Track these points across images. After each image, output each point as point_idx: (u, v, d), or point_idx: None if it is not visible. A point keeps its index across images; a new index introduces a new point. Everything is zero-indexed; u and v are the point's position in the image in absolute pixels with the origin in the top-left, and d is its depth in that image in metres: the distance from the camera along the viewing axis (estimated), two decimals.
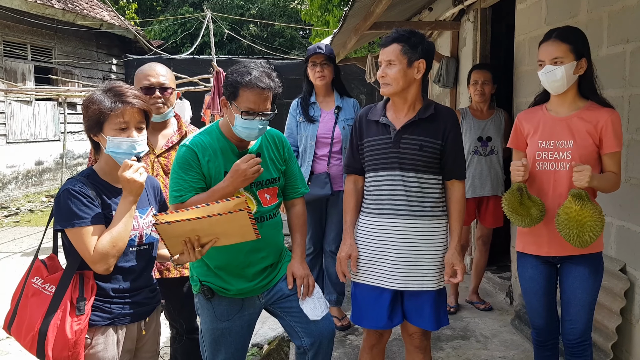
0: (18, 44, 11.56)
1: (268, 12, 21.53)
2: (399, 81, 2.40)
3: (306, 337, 2.43)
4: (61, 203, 1.94)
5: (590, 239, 2.30)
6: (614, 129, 2.38)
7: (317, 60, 3.73)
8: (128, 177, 1.92)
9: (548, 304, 2.60)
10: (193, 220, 1.96)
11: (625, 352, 3.04)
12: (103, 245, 1.90)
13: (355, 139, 2.56)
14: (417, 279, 2.46)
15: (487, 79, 4.10)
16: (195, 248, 2.05)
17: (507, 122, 4.18)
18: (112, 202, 2.01)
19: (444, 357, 3.48)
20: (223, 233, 2.05)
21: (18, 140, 11.47)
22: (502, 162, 4.18)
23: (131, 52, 15.12)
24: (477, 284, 4.41)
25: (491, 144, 4.12)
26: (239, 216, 1.96)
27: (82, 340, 1.91)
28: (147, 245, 2.11)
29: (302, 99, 3.84)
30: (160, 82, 2.75)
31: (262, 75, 2.23)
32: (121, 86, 2.04)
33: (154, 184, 2.28)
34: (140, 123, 2.04)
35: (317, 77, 3.74)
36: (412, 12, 6.44)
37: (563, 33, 2.44)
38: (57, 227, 1.96)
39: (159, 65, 2.80)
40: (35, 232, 8.26)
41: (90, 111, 1.99)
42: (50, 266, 2.04)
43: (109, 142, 1.98)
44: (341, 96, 3.84)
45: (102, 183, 2.04)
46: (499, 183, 4.18)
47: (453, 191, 2.53)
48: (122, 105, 1.97)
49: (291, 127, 3.84)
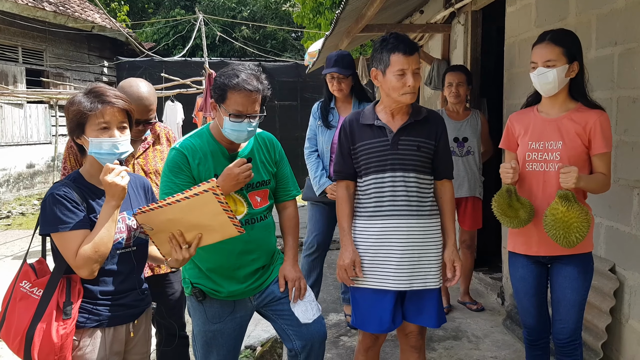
0: (9, 47, 11.50)
1: (260, 14, 21.53)
2: (417, 89, 2.43)
3: (297, 340, 2.43)
4: (46, 207, 1.93)
5: (576, 239, 2.32)
6: (602, 130, 2.40)
7: (334, 75, 3.72)
8: (109, 181, 1.90)
9: (539, 303, 2.62)
10: (165, 207, 1.95)
11: (615, 351, 3.07)
12: (85, 250, 1.89)
13: (347, 144, 2.55)
14: (421, 278, 2.47)
15: (461, 80, 4.13)
16: (181, 246, 2.04)
17: (483, 122, 4.24)
18: (98, 206, 2.00)
19: (436, 357, 3.49)
20: (201, 225, 2.03)
21: (9, 143, 11.40)
22: (479, 162, 4.20)
23: (123, 54, 15.08)
24: (467, 285, 4.44)
25: (467, 145, 4.14)
26: (205, 198, 1.94)
27: (69, 344, 1.90)
28: (135, 247, 2.10)
29: (322, 103, 3.86)
30: (145, 118, 2.75)
31: (250, 78, 2.23)
32: (102, 87, 2.02)
33: (145, 183, 2.26)
34: (122, 123, 2.01)
35: (335, 90, 3.75)
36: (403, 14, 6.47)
37: (557, 36, 2.45)
38: (42, 231, 1.96)
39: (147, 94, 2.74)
40: (26, 236, 8.21)
41: (71, 113, 1.98)
42: (38, 270, 2.03)
43: (91, 143, 1.96)
44: (360, 102, 3.83)
45: (88, 186, 2.03)
46: (476, 184, 4.19)
47: (444, 191, 2.55)
48: (102, 106, 1.95)
49: (313, 130, 3.86)
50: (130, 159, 2.78)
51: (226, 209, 1.99)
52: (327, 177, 3.72)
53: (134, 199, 2.15)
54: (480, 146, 4.21)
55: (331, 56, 3.77)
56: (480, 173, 4.22)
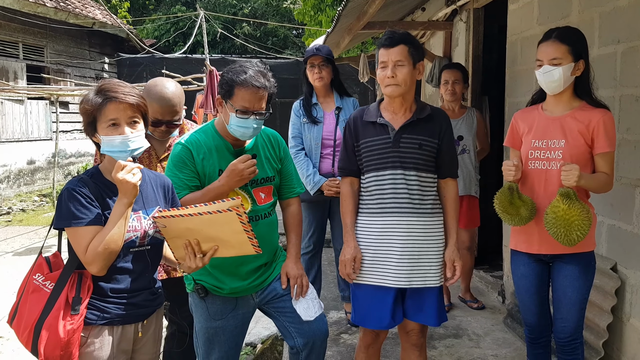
0: (10, 43, 11.49)
1: (261, 11, 21.51)
2: (407, 82, 2.41)
3: (299, 338, 2.44)
4: (62, 202, 1.93)
5: (577, 237, 2.32)
6: (605, 130, 2.39)
7: (315, 62, 3.73)
8: (120, 178, 1.89)
9: (540, 301, 2.62)
10: (186, 217, 1.95)
11: (616, 350, 3.07)
12: (95, 246, 1.88)
13: (351, 140, 2.56)
14: (421, 276, 2.47)
15: (457, 78, 4.12)
16: (195, 254, 2.03)
17: (479, 121, 4.22)
18: (113, 203, 1.98)
19: (436, 355, 3.50)
20: (219, 239, 2.03)
21: (10, 140, 11.40)
22: (474, 161, 4.17)
23: (124, 51, 15.09)
24: (468, 284, 4.42)
25: (463, 143, 4.11)
26: (228, 217, 1.94)
27: (76, 340, 1.89)
28: (149, 247, 2.07)
29: (303, 100, 3.84)
30: (168, 119, 2.72)
31: (258, 75, 2.24)
32: (110, 83, 1.98)
33: (165, 182, 2.21)
34: (132, 118, 1.97)
35: (316, 79, 3.74)
36: (405, 12, 6.46)
37: (563, 34, 2.44)
38: (56, 225, 1.96)
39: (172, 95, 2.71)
40: (27, 232, 8.22)
41: (82, 112, 1.97)
42: (53, 263, 2.03)
43: (103, 141, 1.95)
44: (341, 96, 3.84)
45: (105, 183, 2.01)
46: (472, 182, 4.16)
47: (448, 190, 2.55)
48: (108, 102, 1.92)
49: (298, 127, 3.82)
50: (155, 160, 2.75)
51: (247, 229, 1.99)
52: (320, 175, 3.71)
53: (152, 197, 2.11)
54: (476, 144, 4.20)
55: (310, 48, 3.85)
56: (476, 171, 4.19)
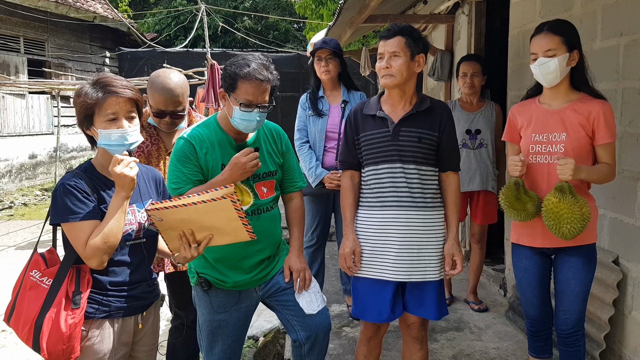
0: (11, 37, 11.48)
1: (262, 4, 21.44)
2: (403, 73, 2.40)
3: (302, 331, 2.44)
4: (57, 197, 1.94)
5: (568, 231, 2.32)
6: (605, 120, 2.40)
7: (322, 55, 3.74)
8: (118, 172, 1.90)
9: (542, 294, 2.62)
10: (180, 208, 1.96)
11: (617, 343, 3.08)
12: (94, 241, 1.89)
13: (351, 133, 2.56)
14: (420, 270, 2.47)
15: (476, 70, 4.00)
16: (190, 244, 2.06)
17: (498, 114, 4.11)
18: (108, 197, 2.00)
19: (438, 348, 3.51)
20: (214, 227, 2.04)
21: (11, 134, 11.41)
22: (492, 155, 4.07)
23: (125, 45, 15.06)
24: (475, 283, 4.27)
25: (480, 137, 4.03)
26: (223, 204, 1.95)
27: (77, 334, 1.91)
28: (145, 239, 2.10)
29: (310, 93, 3.85)
30: (172, 110, 2.69)
31: (261, 68, 2.24)
32: (108, 77, 2.01)
33: (156, 175, 2.26)
34: (129, 112, 2.00)
35: (323, 72, 3.74)
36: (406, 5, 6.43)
37: (555, 25, 2.46)
38: (53, 221, 1.97)
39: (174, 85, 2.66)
40: (29, 226, 8.24)
41: (78, 105, 1.98)
42: (49, 259, 2.04)
43: (100, 134, 1.96)
44: (348, 90, 3.84)
45: (99, 177, 2.04)
46: (489, 177, 4.06)
47: (449, 183, 2.54)
48: (108, 96, 1.95)
49: (303, 120, 3.85)
50: (164, 154, 2.75)
51: (241, 216, 2.01)
52: (322, 167, 3.71)
53: (144, 191, 2.15)
54: (494, 138, 4.06)
55: (317, 41, 3.82)
56: (493, 166, 4.08)
